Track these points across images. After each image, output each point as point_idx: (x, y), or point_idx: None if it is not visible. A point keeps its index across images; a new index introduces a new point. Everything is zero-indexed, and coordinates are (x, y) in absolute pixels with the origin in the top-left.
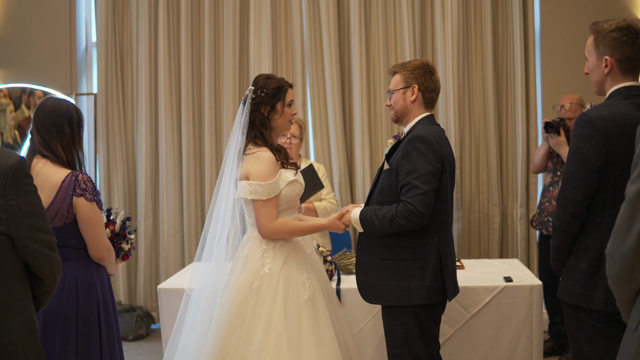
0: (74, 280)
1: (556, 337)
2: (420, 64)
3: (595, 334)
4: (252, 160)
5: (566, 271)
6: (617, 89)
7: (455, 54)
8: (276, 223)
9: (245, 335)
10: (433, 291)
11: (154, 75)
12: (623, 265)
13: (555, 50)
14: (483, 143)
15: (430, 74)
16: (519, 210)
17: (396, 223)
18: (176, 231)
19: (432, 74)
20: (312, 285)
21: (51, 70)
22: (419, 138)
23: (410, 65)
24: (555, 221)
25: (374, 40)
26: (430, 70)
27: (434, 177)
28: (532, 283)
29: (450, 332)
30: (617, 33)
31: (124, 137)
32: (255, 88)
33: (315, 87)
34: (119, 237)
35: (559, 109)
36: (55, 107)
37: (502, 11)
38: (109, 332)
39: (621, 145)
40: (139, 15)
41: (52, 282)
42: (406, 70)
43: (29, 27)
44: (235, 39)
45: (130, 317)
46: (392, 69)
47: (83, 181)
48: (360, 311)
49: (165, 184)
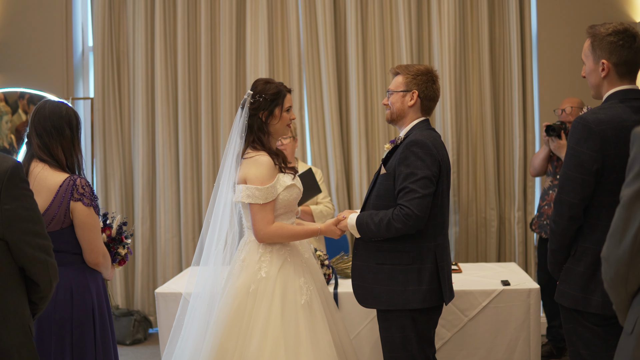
0: (68, 285)
1: (554, 341)
2: (424, 70)
3: (592, 337)
4: (250, 164)
5: (564, 274)
6: (613, 92)
7: (452, 57)
8: (272, 227)
9: (242, 339)
10: (430, 295)
11: (150, 79)
12: (618, 269)
13: (552, 53)
14: (480, 147)
15: (432, 82)
16: (516, 214)
17: (392, 227)
18: (173, 235)
19: (434, 82)
20: (309, 289)
21: (48, 75)
22: (416, 143)
23: (414, 70)
24: (553, 224)
25: (370, 44)
26: (433, 78)
27: (431, 181)
28: (530, 287)
29: (448, 335)
30: (614, 37)
31: (120, 142)
32: (254, 93)
33: (312, 91)
34: (115, 241)
35: (559, 112)
36: (55, 110)
37: (498, 14)
38: (104, 337)
39: (618, 149)
40: (135, 19)
41: (47, 287)
42: (409, 74)
43: (26, 32)
44: (231, 42)
45: (128, 322)
46: (395, 69)
47: (81, 185)
48: (358, 315)
49: (162, 188)
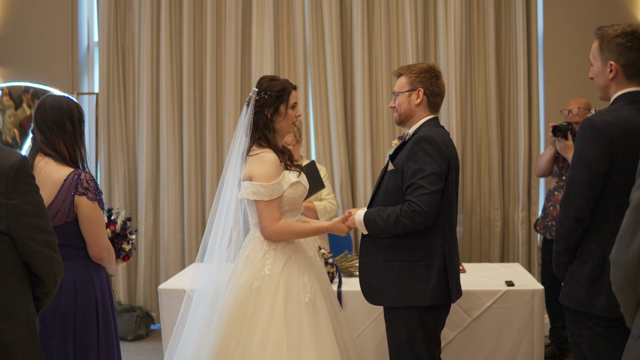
0: (72, 280)
1: (557, 342)
2: (426, 68)
3: (597, 339)
4: (256, 161)
5: (569, 276)
6: (621, 94)
7: (458, 57)
8: (279, 224)
9: (245, 337)
10: (438, 292)
11: (155, 74)
12: (627, 271)
13: (557, 54)
14: (485, 147)
15: (436, 78)
16: (520, 215)
17: (400, 223)
18: (177, 231)
19: (437, 78)
20: (313, 287)
21: (53, 69)
22: (425, 139)
23: (417, 68)
24: (559, 226)
25: (376, 42)
26: (436, 74)
27: (439, 177)
28: (534, 287)
29: (452, 335)
30: (622, 38)
31: (125, 137)
32: (259, 90)
33: (317, 88)
34: (119, 237)
35: (566, 113)
36: (55, 105)
37: (505, 15)
38: (107, 333)
39: (625, 151)
40: (141, 14)
41: (52, 283)
42: (412, 73)
43: (31, 26)
44: (237, 39)
45: (130, 318)
46: (398, 71)
47: (85, 180)
48: (361, 314)
49: (166, 184)
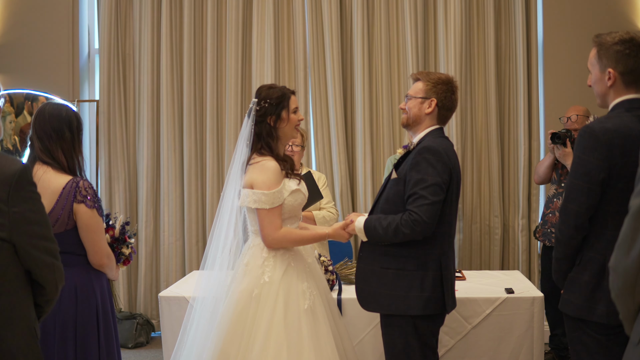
0: (73, 287)
1: (557, 349)
2: (445, 80)
3: (596, 346)
4: (257, 169)
5: (568, 283)
6: (620, 101)
7: (458, 64)
8: (280, 232)
9: (245, 344)
10: (432, 302)
11: (156, 82)
12: (626, 279)
13: (557, 61)
14: (485, 154)
15: (452, 92)
16: (520, 222)
17: (400, 232)
18: (177, 239)
19: (453, 92)
20: (312, 294)
21: (53, 77)
22: (429, 149)
23: (435, 78)
24: (558, 233)
25: (376, 49)
26: (453, 88)
27: (441, 188)
28: (534, 295)
29: (451, 343)
30: (621, 46)
31: (125, 144)
32: (259, 99)
33: (318, 96)
34: (119, 241)
35: (565, 120)
36: (54, 113)
37: (504, 22)
38: (107, 339)
39: (624, 158)
40: (141, 21)
41: (53, 290)
42: (430, 81)
43: (32, 33)
44: (237, 47)
45: (131, 325)
46: (417, 75)
47: (84, 187)
48: (361, 321)
49: (166, 192)
